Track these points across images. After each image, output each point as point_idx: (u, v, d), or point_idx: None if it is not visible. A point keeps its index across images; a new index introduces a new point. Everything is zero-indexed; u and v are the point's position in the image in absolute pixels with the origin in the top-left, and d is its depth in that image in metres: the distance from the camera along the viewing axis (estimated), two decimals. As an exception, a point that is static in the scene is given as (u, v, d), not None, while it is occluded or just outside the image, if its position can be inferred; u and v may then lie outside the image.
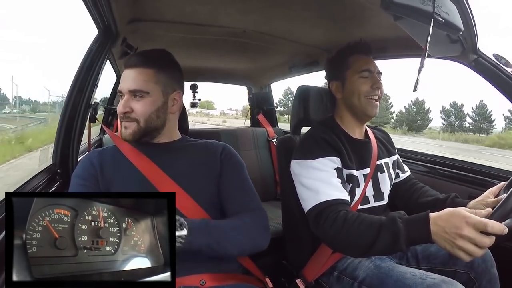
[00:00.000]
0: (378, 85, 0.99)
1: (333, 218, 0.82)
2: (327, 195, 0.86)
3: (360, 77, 1.00)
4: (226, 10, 1.13)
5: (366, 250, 0.78)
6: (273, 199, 2.02)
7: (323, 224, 0.84)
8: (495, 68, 1.01)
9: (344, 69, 1.02)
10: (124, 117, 0.81)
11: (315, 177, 0.90)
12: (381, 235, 0.75)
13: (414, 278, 0.80)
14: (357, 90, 0.99)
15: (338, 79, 1.04)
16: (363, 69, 1.00)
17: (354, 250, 0.82)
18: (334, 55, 1.08)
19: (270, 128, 2.22)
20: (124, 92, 0.81)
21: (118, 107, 0.81)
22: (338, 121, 1.06)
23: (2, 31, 47.47)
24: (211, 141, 0.94)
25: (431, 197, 1.05)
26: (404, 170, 1.16)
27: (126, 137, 0.82)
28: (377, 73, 1.01)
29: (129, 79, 0.80)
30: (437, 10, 0.67)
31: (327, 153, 0.93)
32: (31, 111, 16.77)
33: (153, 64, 0.82)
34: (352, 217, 0.81)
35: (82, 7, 0.94)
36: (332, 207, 0.85)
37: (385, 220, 0.76)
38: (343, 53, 1.05)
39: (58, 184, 1.01)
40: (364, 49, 1.03)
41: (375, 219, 0.79)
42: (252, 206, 0.86)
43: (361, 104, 0.99)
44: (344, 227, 0.80)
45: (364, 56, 1.02)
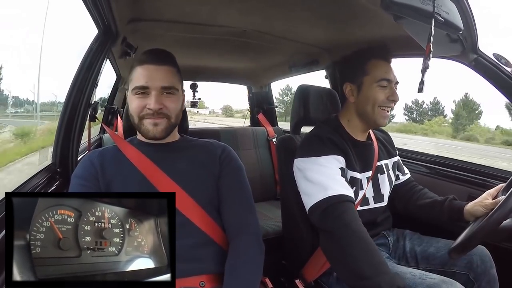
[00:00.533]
0: (394, 98, 0.97)
1: (346, 219, 0.81)
2: (335, 190, 0.84)
3: (378, 86, 0.96)
4: (226, 10, 1.13)
5: (355, 280, 0.76)
6: (272, 199, 2.02)
7: (333, 222, 0.82)
8: (495, 67, 1.01)
9: (362, 74, 0.98)
10: (156, 114, 0.80)
11: (322, 173, 0.88)
12: (376, 280, 0.72)
13: (414, 278, 0.80)
14: (373, 99, 0.96)
15: (354, 82, 1.00)
16: (382, 78, 0.96)
17: (344, 271, 0.81)
18: (351, 55, 1.03)
19: (270, 128, 2.22)
20: (153, 88, 0.79)
21: (150, 103, 0.78)
22: (343, 122, 1.04)
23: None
24: (211, 141, 0.94)
25: (430, 199, 1.05)
26: (404, 172, 1.16)
27: (156, 134, 0.81)
28: (395, 84, 0.98)
29: (159, 76, 0.80)
30: (437, 9, 0.67)
31: (333, 151, 0.92)
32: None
33: (175, 62, 0.85)
34: (362, 237, 0.78)
35: (82, 7, 0.94)
36: (342, 204, 0.83)
37: (386, 273, 0.73)
38: (362, 55, 1.00)
39: (57, 184, 1.01)
40: (385, 54, 0.99)
41: (377, 260, 0.76)
42: (249, 220, 0.85)
43: (374, 114, 0.97)
44: (352, 242, 0.78)
45: (384, 62, 0.98)
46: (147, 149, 0.85)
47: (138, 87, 0.79)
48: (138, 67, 0.82)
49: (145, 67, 0.81)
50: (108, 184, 0.80)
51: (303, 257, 1.01)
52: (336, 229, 0.81)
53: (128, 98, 0.84)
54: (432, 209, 1.02)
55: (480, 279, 0.88)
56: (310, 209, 0.87)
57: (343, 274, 0.82)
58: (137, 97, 0.80)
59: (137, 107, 0.80)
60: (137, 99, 0.80)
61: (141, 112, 0.80)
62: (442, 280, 0.77)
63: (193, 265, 0.77)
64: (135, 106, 0.80)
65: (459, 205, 0.96)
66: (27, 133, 6.89)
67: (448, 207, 0.98)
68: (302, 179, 0.92)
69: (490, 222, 0.74)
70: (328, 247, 0.87)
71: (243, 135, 2.09)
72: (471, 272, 0.89)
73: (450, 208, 0.98)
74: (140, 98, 0.80)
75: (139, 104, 0.80)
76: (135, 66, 0.83)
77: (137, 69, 0.82)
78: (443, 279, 0.78)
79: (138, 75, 0.80)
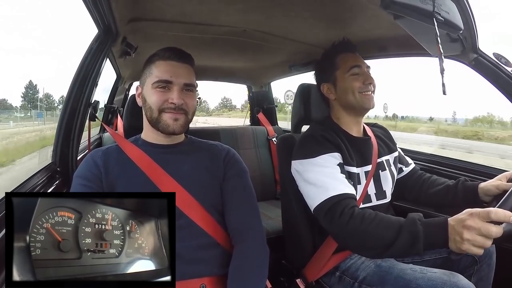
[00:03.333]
0: (370, 81, 1.00)
1: (349, 214, 0.81)
2: (336, 189, 0.85)
3: (351, 75, 1.00)
4: (226, 9, 1.12)
5: (383, 251, 0.77)
6: (272, 198, 2.02)
7: (338, 219, 0.82)
8: (495, 67, 1.01)
9: (333, 70, 1.03)
10: (178, 108, 0.81)
11: (321, 173, 0.89)
12: (400, 236, 0.74)
13: (414, 273, 0.80)
14: (350, 87, 0.99)
15: (329, 80, 1.05)
16: (352, 66, 1.00)
17: (370, 249, 0.80)
18: (321, 58, 1.09)
19: (270, 127, 2.21)
20: (176, 84, 0.81)
21: (173, 98, 0.80)
22: (335, 121, 1.06)
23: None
24: (215, 144, 0.94)
25: (441, 186, 1.05)
26: (407, 163, 1.16)
27: (175, 129, 0.82)
28: (366, 68, 1.02)
29: (182, 73, 0.82)
30: (437, 9, 0.67)
31: (329, 149, 0.93)
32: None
33: (194, 63, 0.87)
34: (370, 215, 0.80)
35: (82, 7, 0.94)
36: (344, 201, 0.84)
37: (405, 222, 0.75)
38: (330, 54, 1.06)
39: (57, 183, 1.01)
40: (349, 47, 1.04)
41: (394, 220, 0.78)
42: (253, 223, 0.85)
43: (357, 100, 1.00)
44: (363, 225, 0.79)
45: (350, 53, 1.03)
46: (152, 150, 0.84)
47: (162, 81, 0.80)
48: (160, 62, 0.82)
49: (169, 63, 0.82)
50: (112, 185, 0.79)
51: (304, 256, 1.01)
52: (344, 224, 0.81)
53: (145, 91, 0.84)
54: (446, 194, 1.03)
55: (483, 261, 0.90)
56: (315, 211, 0.89)
57: (370, 254, 0.84)
58: (158, 91, 0.81)
59: (158, 100, 0.80)
60: (158, 92, 0.81)
61: (162, 105, 0.81)
62: (443, 273, 0.78)
63: (195, 267, 0.77)
64: (156, 99, 0.80)
65: (472, 186, 0.98)
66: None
67: (462, 190, 1.00)
68: (302, 181, 0.93)
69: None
70: (344, 242, 0.87)
71: (243, 135, 2.09)
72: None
73: (464, 190, 0.99)
74: (161, 92, 0.81)
75: (160, 97, 0.80)
76: (155, 60, 0.83)
77: (159, 64, 0.82)
78: (444, 272, 0.78)
79: (162, 70, 0.81)
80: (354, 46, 1.05)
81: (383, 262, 0.90)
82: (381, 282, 0.85)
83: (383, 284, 0.84)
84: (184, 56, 0.84)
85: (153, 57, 0.85)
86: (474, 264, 0.89)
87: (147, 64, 0.85)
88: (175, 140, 0.88)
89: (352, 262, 0.94)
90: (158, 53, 0.85)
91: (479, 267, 0.89)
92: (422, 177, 1.13)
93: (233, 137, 2.03)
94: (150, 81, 0.82)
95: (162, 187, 0.79)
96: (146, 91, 0.84)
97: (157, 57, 0.84)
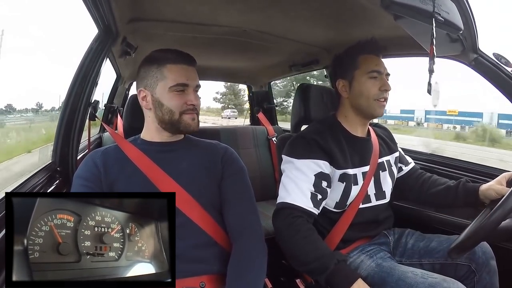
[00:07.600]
0: (386, 88, 0.98)
1: (290, 222, 0.87)
2: (295, 200, 0.89)
3: (369, 78, 0.98)
4: (226, 9, 1.12)
5: (301, 266, 0.86)
6: (272, 198, 2.01)
7: (281, 222, 0.88)
8: (495, 67, 1.01)
9: (353, 69, 1.00)
10: (194, 109, 0.85)
11: (294, 178, 0.92)
12: (316, 262, 0.82)
13: (415, 277, 0.80)
14: (366, 91, 0.97)
15: (346, 78, 1.02)
16: (372, 69, 0.98)
17: (294, 259, 0.87)
18: (342, 53, 1.05)
19: (270, 127, 2.21)
20: (191, 86, 0.85)
21: (191, 99, 0.84)
22: (340, 119, 1.05)
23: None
24: (213, 142, 0.94)
25: (442, 186, 1.05)
26: (407, 162, 1.16)
27: (195, 128, 0.86)
28: (386, 75, 1.00)
29: (194, 75, 0.86)
30: (437, 9, 0.67)
31: (315, 155, 0.94)
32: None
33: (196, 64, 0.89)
34: (307, 231, 0.86)
35: (82, 7, 0.94)
36: (294, 211, 0.88)
37: (328, 254, 0.83)
38: (352, 51, 1.02)
39: (57, 183, 1.01)
40: (374, 48, 1.01)
41: (322, 246, 0.86)
42: (251, 221, 0.86)
43: (369, 106, 0.98)
44: (296, 236, 0.85)
45: (374, 56, 1.00)
46: (150, 149, 0.85)
47: (180, 84, 0.83)
48: (172, 66, 0.83)
49: (181, 66, 0.84)
50: (112, 185, 0.80)
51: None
52: (284, 229, 0.88)
53: (160, 95, 0.84)
54: (447, 195, 1.03)
55: (481, 270, 0.89)
56: (276, 204, 0.93)
57: (294, 263, 0.89)
58: (176, 94, 0.83)
59: (179, 103, 0.83)
60: (177, 95, 0.83)
61: (182, 107, 0.83)
62: (443, 279, 0.78)
63: (194, 266, 0.77)
64: (177, 103, 0.83)
65: (473, 187, 0.98)
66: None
67: (463, 191, 0.99)
68: (283, 175, 0.96)
69: (490, 221, 0.74)
70: (280, 244, 0.91)
71: (243, 134, 2.09)
72: (472, 263, 0.89)
73: (465, 192, 0.99)
74: (179, 95, 0.83)
75: (180, 100, 0.83)
76: (165, 64, 0.83)
77: (171, 68, 0.83)
78: (445, 278, 0.78)
79: (177, 74, 0.83)
80: (380, 48, 1.02)
81: (384, 262, 0.90)
82: (382, 283, 0.85)
83: (384, 285, 0.84)
84: (191, 59, 0.87)
85: (160, 60, 0.84)
86: (473, 274, 0.89)
87: (153, 67, 0.84)
88: (176, 138, 0.89)
89: (351, 261, 0.95)
90: (163, 56, 0.84)
91: (479, 277, 0.89)
92: (422, 176, 1.12)
93: (233, 137, 2.03)
94: (165, 85, 0.83)
95: (159, 186, 0.80)
96: (161, 94, 0.84)
97: (165, 61, 0.83)
